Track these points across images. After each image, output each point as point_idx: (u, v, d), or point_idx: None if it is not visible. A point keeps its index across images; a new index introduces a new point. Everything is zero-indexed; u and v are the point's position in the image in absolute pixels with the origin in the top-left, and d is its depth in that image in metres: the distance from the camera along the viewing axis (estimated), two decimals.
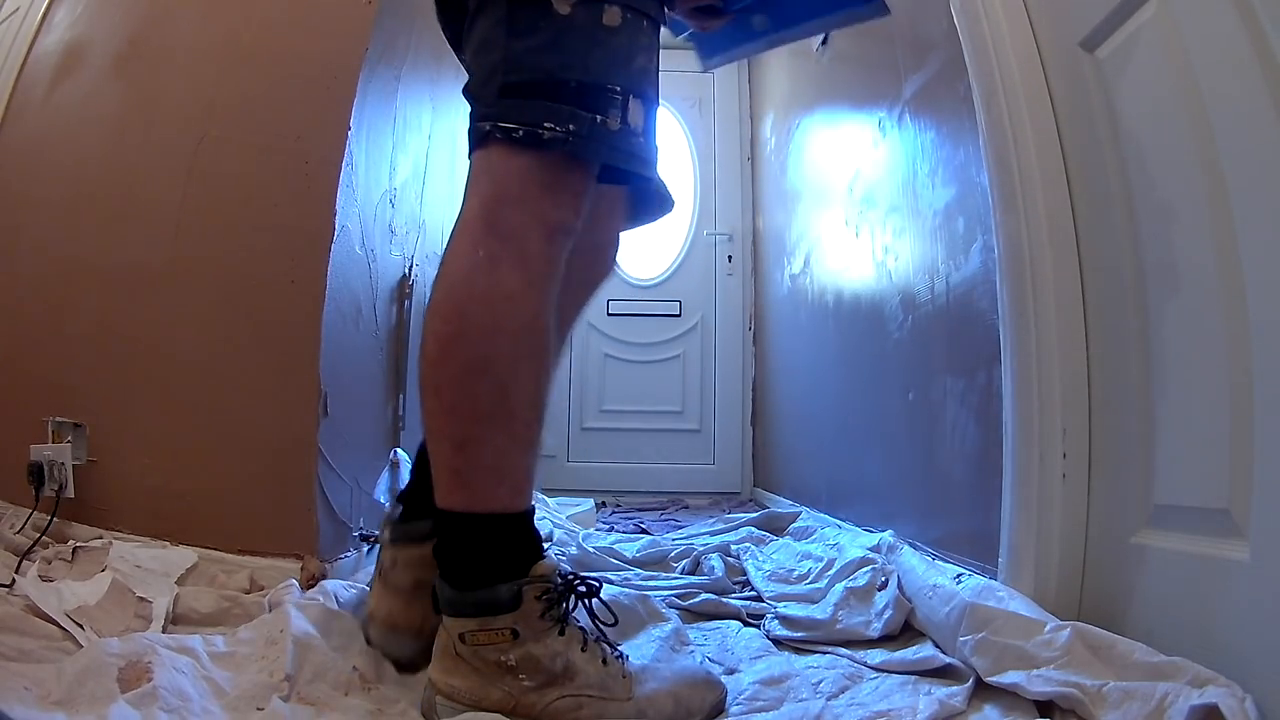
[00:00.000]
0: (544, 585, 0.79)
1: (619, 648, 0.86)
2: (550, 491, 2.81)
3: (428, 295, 0.83)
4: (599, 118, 0.80)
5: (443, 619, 0.80)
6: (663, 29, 0.96)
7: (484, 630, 0.76)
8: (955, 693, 0.84)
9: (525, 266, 0.80)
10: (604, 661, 0.81)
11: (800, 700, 0.88)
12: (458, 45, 0.97)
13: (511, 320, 0.79)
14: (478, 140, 0.82)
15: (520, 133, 0.79)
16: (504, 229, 0.80)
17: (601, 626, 0.85)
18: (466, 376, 0.78)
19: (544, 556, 0.81)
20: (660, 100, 0.90)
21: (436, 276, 0.82)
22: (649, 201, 1.04)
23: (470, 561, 0.78)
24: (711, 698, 0.85)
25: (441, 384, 0.79)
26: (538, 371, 0.81)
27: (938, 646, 0.99)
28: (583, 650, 0.80)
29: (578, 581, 0.83)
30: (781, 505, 2.47)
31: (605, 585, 0.90)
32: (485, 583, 0.77)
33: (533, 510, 0.83)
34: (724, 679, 0.91)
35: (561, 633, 0.79)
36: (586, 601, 0.84)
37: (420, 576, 0.88)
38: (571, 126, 0.79)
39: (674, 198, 1.06)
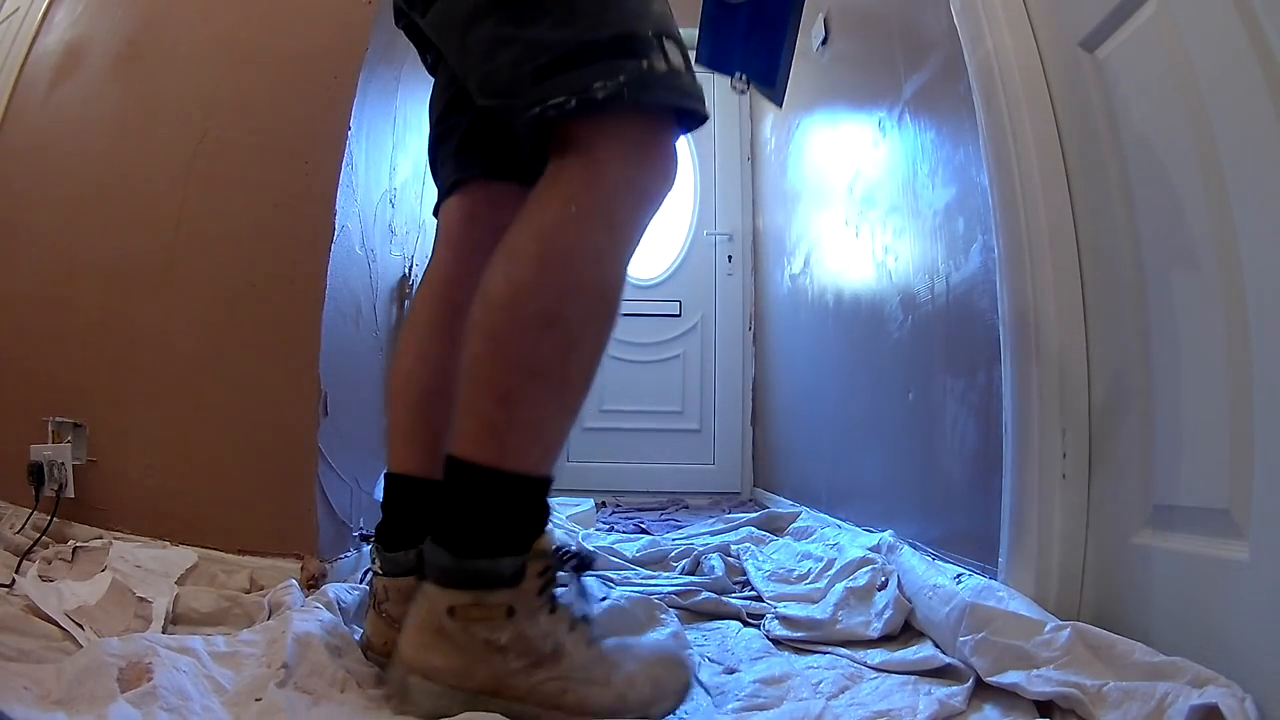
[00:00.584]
0: (545, 562, 0.75)
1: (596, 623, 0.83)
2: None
3: None
4: (644, 62, 0.76)
5: (424, 586, 0.74)
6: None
7: (478, 605, 0.71)
8: (955, 693, 0.84)
9: (614, 231, 0.78)
10: (588, 643, 0.78)
11: (800, 700, 0.88)
12: (423, 49, 0.96)
13: (594, 282, 0.77)
14: (529, 131, 0.78)
15: (572, 102, 0.74)
16: (600, 190, 0.77)
17: (586, 605, 0.82)
18: (531, 327, 0.74)
19: (546, 531, 0.77)
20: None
21: (517, 223, 0.78)
22: None
23: (479, 525, 0.73)
24: (685, 677, 0.83)
25: (501, 330, 0.74)
26: (600, 339, 0.79)
27: (938, 646, 0.99)
28: (570, 630, 0.77)
29: (568, 556, 0.80)
30: (781, 505, 2.47)
31: (604, 585, 0.89)
32: (489, 552, 0.72)
33: (551, 480, 0.79)
34: (724, 678, 0.91)
35: (553, 611, 0.75)
36: (577, 576, 0.81)
37: None
38: (622, 78, 0.74)
39: None
